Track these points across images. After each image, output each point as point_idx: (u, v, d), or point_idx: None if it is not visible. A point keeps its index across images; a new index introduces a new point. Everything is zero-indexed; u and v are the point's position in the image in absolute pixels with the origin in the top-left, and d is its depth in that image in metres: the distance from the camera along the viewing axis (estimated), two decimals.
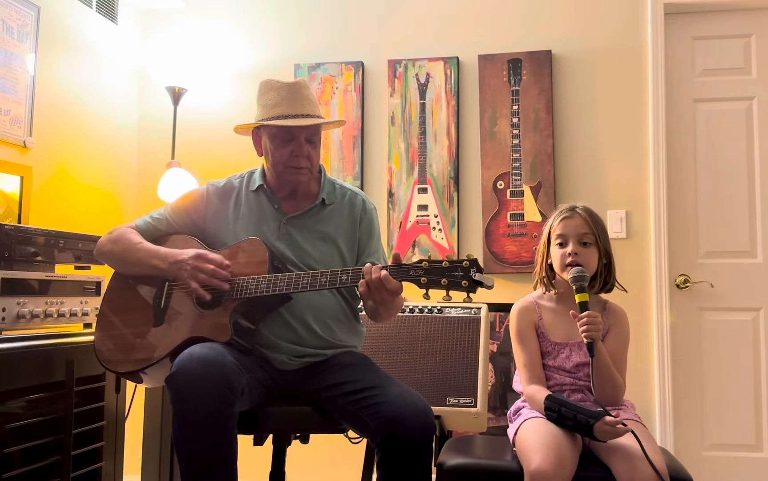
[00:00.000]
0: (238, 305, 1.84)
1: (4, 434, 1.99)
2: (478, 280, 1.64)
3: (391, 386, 1.76)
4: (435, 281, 1.67)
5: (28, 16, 2.83)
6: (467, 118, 3.29)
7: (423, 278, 1.68)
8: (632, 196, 3.13)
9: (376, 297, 1.73)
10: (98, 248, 2.05)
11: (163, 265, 1.91)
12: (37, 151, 2.88)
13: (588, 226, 1.95)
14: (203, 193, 2.08)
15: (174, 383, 1.64)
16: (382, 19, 3.42)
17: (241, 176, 2.11)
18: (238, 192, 2.07)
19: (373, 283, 1.70)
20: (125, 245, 1.99)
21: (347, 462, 2.99)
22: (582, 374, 1.93)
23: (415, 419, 1.67)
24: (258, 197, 2.04)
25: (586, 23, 3.23)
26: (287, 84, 1.98)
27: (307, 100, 1.97)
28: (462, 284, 1.65)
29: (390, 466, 1.66)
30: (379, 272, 1.70)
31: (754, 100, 3.16)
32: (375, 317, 1.99)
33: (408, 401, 1.70)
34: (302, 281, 1.80)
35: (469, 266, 1.66)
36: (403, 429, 1.65)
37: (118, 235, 2.02)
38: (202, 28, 3.57)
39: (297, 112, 1.93)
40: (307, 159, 1.96)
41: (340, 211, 2.05)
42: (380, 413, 1.68)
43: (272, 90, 1.97)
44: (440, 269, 1.68)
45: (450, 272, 1.67)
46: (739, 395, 3.06)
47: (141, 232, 2.04)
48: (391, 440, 1.66)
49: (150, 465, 2.58)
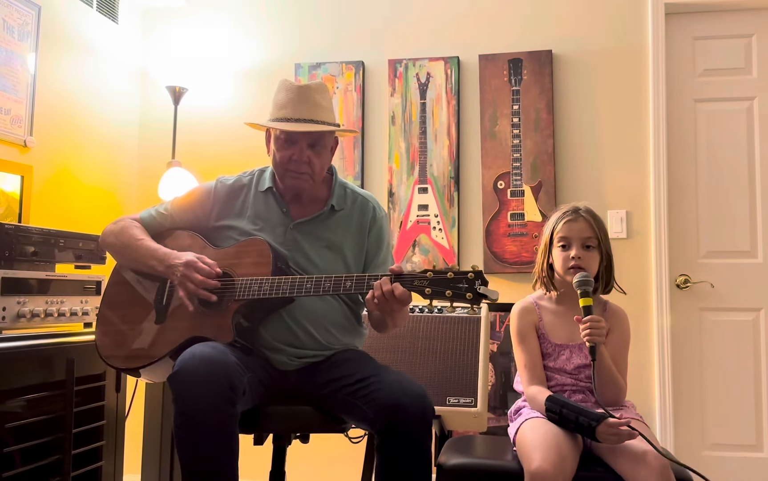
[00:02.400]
0: (241, 306, 1.83)
1: (5, 434, 1.99)
2: (483, 293, 1.64)
3: (388, 374, 1.77)
4: (439, 293, 1.68)
5: (29, 16, 2.83)
6: (468, 117, 3.29)
7: (427, 288, 1.69)
8: (633, 196, 3.12)
9: (386, 308, 1.73)
10: (102, 238, 2.05)
11: (160, 267, 1.90)
12: (37, 150, 2.88)
13: (592, 229, 1.95)
14: (210, 189, 2.06)
15: (176, 381, 1.64)
16: (382, 19, 3.42)
17: (252, 173, 2.09)
18: (246, 191, 2.05)
19: (384, 295, 1.70)
20: (126, 239, 1.98)
21: (347, 462, 2.99)
22: (583, 376, 1.93)
23: (413, 404, 1.67)
24: (266, 199, 2.02)
25: (586, 23, 3.22)
26: (298, 86, 1.95)
27: (316, 106, 1.93)
28: (466, 297, 1.66)
29: (389, 451, 1.66)
30: (387, 284, 1.70)
31: (755, 101, 3.15)
32: (381, 328, 1.98)
33: (405, 386, 1.71)
34: (306, 285, 1.79)
35: (474, 278, 1.66)
36: (402, 414, 1.65)
37: (121, 228, 2.01)
38: (202, 28, 3.56)
39: (301, 116, 1.91)
40: (308, 165, 1.94)
41: (349, 218, 2.03)
42: (378, 400, 1.69)
43: (283, 90, 1.96)
44: (445, 280, 1.68)
45: (455, 284, 1.67)
46: (739, 395, 3.06)
47: (145, 226, 2.03)
48: (389, 426, 1.66)
49: (150, 464, 2.58)
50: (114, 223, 2.05)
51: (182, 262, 1.85)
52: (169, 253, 1.91)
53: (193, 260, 1.85)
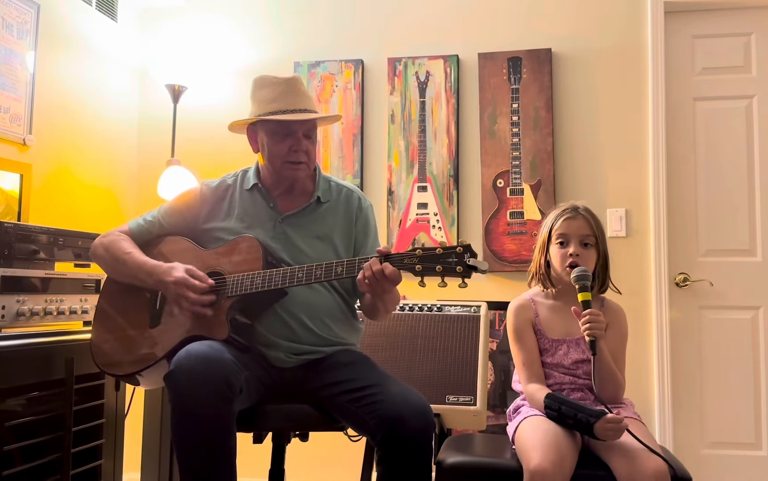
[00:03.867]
0: (235, 302, 1.84)
1: (4, 432, 1.99)
2: (473, 264, 1.65)
3: (391, 385, 1.76)
4: (430, 268, 1.68)
5: (28, 14, 2.83)
6: (467, 116, 3.29)
7: (418, 265, 1.69)
8: (632, 194, 3.13)
9: (378, 289, 1.74)
10: (92, 251, 2.06)
11: (149, 281, 1.90)
12: (36, 148, 2.88)
13: (590, 227, 1.96)
14: (197, 193, 2.08)
15: (172, 380, 1.64)
16: (382, 17, 3.42)
17: (235, 175, 2.11)
18: (232, 191, 2.06)
19: (374, 275, 1.70)
20: (114, 253, 1.99)
21: (347, 460, 2.99)
22: (581, 372, 1.93)
23: (415, 417, 1.67)
24: (252, 196, 2.04)
25: (586, 21, 3.22)
26: (283, 79, 1.98)
27: (304, 96, 1.98)
28: (456, 270, 1.66)
29: (389, 464, 1.66)
30: (377, 264, 1.71)
31: (754, 99, 3.16)
32: (373, 314, 2.00)
33: (408, 399, 1.70)
34: (297, 274, 1.80)
35: (462, 252, 1.66)
36: (403, 428, 1.65)
37: (109, 242, 2.02)
38: (202, 26, 3.56)
39: (295, 106, 1.94)
40: (306, 154, 1.97)
41: (335, 209, 2.05)
42: (380, 411, 1.68)
43: (268, 86, 1.97)
44: (434, 256, 1.68)
45: (444, 259, 1.67)
46: (738, 393, 3.06)
47: (133, 236, 2.04)
48: (390, 439, 1.66)
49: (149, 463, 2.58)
50: (103, 236, 2.06)
51: (173, 280, 1.84)
52: (156, 266, 1.90)
53: (183, 277, 1.83)
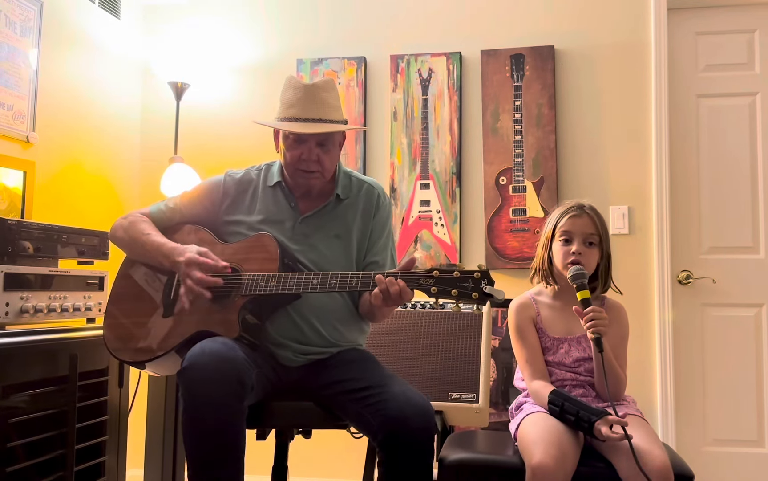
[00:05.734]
0: (247, 301, 1.83)
1: (8, 428, 2.00)
2: (489, 292, 1.64)
3: (394, 385, 1.76)
4: (445, 292, 1.67)
5: (31, 12, 2.83)
6: (470, 113, 3.28)
7: (433, 287, 1.68)
8: (635, 191, 3.12)
9: (388, 303, 1.73)
10: (112, 232, 2.06)
11: (166, 263, 1.91)
12: (40, 146, 2.88)
13: (594, 226, 1.96)
14: (220, 183, 2.07)
15: (186, 377, 1.64)
16: (384, 14, 3.41)
17: (259, 169, 2.10)
18: (255, 186, 2.05)
19: (390, 294, 1.70)
20: (133, 234, 1.99)
21: (349, 457, 3.00)
22: (582, 370, 1.93)
23: (417, 418, 1.67)
24: (275, 193, 2.03)
25: (589, 18, 3.22)
26: (305, 85, 1.94)
27: (323, 104, 1.93)
28: (472, 296, 1.65)
29: (391, 464, 1.66)
30: (394, 284, 1.70)
31: (758, 96, 3.15)
32: (370, 316, 2.00)
33: (410, 400, 1.70)
34: (312, 281, 1.80)
35: (480, 277, 1.66)
36: (405, 428, 1.65)
37: (129, 223, 2.02)
38: (204, 23, 3.56)
39: (309, 115, 1.91)
40: (317, 163, 1.94)
41: (355, 205, 2.03)
42: (382, 411, 1.69)
43: (291, 88, 1.96)
44: (451, 279, 1.68)
45: (460, 283, 1.67)
46: (741, 390, 3.06)
47: (154, 220, 2.04)
48: (392, 439, 1.66)
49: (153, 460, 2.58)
50: (123, 217, 2.06)
51: (184, 259, 1.85)
52: (174, 247, 1.91)
53: (193, 257, 1.84)
